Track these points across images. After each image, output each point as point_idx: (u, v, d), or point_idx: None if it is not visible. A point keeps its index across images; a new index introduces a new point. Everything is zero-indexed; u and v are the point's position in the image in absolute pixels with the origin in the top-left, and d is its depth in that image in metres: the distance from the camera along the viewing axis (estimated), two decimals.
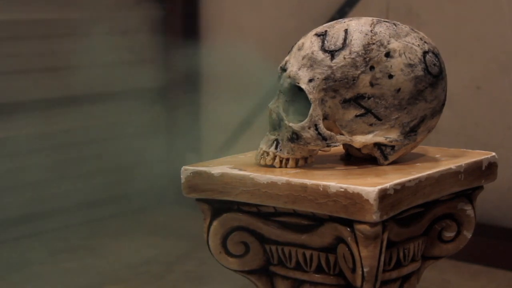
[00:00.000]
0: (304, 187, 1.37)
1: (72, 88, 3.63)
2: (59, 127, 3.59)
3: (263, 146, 1.49)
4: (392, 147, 1.47)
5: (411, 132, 1.47)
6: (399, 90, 1.44)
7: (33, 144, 3.51)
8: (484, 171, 1.54)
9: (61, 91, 3.59)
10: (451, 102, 2.16)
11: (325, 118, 1.44)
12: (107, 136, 3.77)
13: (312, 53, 1.44)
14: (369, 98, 1.43)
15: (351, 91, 1.43)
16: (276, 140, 1.48)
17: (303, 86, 1.43)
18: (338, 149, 1.58)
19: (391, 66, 1.43)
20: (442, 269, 2.93)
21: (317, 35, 1.46)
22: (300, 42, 1.48)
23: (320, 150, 1.47)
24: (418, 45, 1.46)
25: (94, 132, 3.72)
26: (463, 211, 1.55)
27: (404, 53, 1.44)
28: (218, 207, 1.49)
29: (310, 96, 1.43)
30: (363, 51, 1.42)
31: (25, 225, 3.47)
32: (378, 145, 1.47)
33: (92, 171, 3.72)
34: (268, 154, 1.48)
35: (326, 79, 1.42)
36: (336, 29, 1.45)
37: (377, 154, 1.48)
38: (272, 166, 1.47)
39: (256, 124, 3.71)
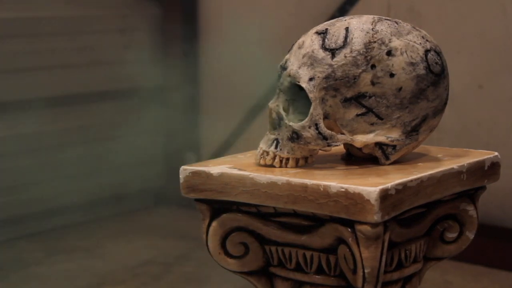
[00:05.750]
0: (304, 187, 1.35)
1: (71, 87, 3.63)
2: (57, 126, 3.58)
3: (263, 146, 1.48)
4: (394, 146, 1.46)
5: (412, 131, 1.46)
6: (400, 89, 1.43)
7: (31, 144, 3.50)
8: (487, 171, 1.53)
9: (59, 90, 3.58)
10: (453, 101, 2.15)
11: (325, 117, 1.43)
12: (106, 135, 3.76)
13: (313, 51, 1.43)
14: (370, 97, 1.42)
15: (352, 90, 1.42)
16: (276, 139, 1.46)
17: (303, 85, 1.42)
18: (339, 148, 1.57)
19: (392, 64, 1.42)
20: (444, 270, 2.92)
21: (318, 33, 1.45)
22: (300, 41, 1.46)
23: (321, 149, 1.46)
24: (420, 43, 1.45)
25: (92, 131, 3.71)
26: (466, 212, 1.54)
27: (405, 51, 1.43)
28: (217, 208, 1.48)
29: (310, 95, 1.41)
30: (364, 50, 1.41)
31: (22, 225, 3.46)
32: (379, 144, 1.46)
33: (91, 171, 3.71)
34: (268, 153, 1.47)
35: (326, 77, 1.41)
36: (337, 27, 1.44)
37: (378, 153, 1.47)
38: (272, 166, 1.46)
39: (256, 123, 3.71)
